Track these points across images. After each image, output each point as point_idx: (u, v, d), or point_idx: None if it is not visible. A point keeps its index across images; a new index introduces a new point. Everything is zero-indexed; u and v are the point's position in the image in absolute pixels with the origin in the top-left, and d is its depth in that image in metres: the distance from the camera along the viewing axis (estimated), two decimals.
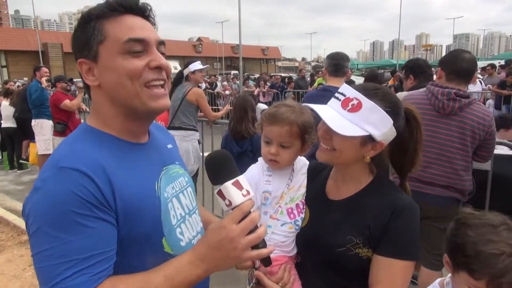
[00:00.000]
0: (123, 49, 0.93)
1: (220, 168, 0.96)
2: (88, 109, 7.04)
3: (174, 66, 34.44)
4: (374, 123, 1.10)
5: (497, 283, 1.13)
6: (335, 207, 1.23)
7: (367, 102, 1.09)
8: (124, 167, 0.94)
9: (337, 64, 3.16)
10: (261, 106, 4.07)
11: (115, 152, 0.95)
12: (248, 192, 0.94)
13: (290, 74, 22.58)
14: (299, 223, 1.28)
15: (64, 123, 5.97)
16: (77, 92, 6.19)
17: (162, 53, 1.00)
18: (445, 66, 2.48)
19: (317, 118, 1.26)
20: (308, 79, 14.34)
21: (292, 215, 1.28)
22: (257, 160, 3.90)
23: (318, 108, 1.14)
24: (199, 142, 4.46)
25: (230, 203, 0.92)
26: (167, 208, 1.01)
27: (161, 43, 1.00)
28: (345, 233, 1.16)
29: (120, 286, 0.85)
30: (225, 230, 0.89)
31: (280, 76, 15.82)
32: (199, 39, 72.59)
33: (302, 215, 1.29)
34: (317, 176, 1.35)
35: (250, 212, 0.92)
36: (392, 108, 1.12)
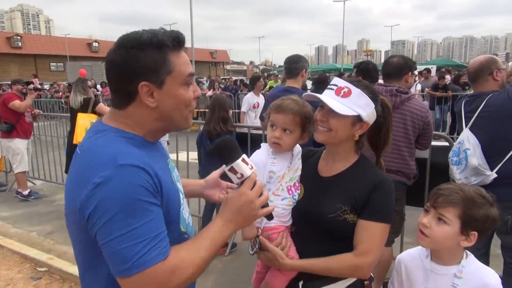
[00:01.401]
0: (184, 81, 1.11)
1: (231, 150, 1.17)
2: (41, 112, 6.83)
3: None
4: (362, 106, 1.39)
5: (437, 194, 1.42)
6: (327, 182, 1.49)
7: (355, 90, 1.39)
8: (155, 163, 1.08)
9: (287, 67, 3.55)
10: None
11: (145, 150, 1.09)
12: (252, 166, 1.18)
13: (241, 77, 22.98)
14: (296, 197, 1.52)
15: (11, 124, 5.83)
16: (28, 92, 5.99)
17: None
18: (381, 69, 3.05)
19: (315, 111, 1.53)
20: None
21: (290, 192, 1.51)
22: None
23: (319, 95, 1.41)
24: (168, 143, 4.55)
25: (242, 175, 1.15)
26: (179, 194, 1.21)
27: None
28: (335, 202, 1.42)
29: (181, 252, 1.04)
30: (244, 196, 1.13)
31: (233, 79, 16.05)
32: None
33: (298, 191, 1.53)
34: (309, 159, 1.61)
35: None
36: (372, 95, 1.43)
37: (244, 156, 1.18)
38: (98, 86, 17.49)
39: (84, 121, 5.07)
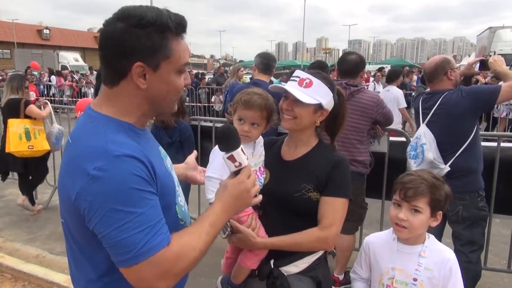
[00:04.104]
0: (179, 69, 1.09)
1: (233, 138, 1.20)
2: None
3: (75, 58, 31.60)
4: (322, 95, 1.51)
5: (405, 188, 1.55)
6: (291, 165, 1.61)
7: (316, 80, 1.51)
8: (147, 151, 1.07)
9: (267, 63, 3.72)
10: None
11: (136, 139, 1.07)
12: (248, 157, 1.24)
13: (202, 71, 22.84)
14: (262, 181, 1.61)
15: None
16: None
17: None
18: (337, 66, 3.26)
19: (277, 102, 1.62)
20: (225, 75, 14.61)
21: (256, 176, 1.56)
22: (184, 149, 4.12)
23: (285, 85, 1.53)
24: None
25: (240, 164, 1.19)
26: (174, 181, 1.21)
27: None
28: (300, 181, 1.54)
29: (184, 237, 1.05)
30: (243, 184, 1.17)
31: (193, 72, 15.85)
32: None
33: (264, 175, 1.63)
34: (271, 147, 1.73)
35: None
36: (330, 85, 1.55)
37: (242, 146, 1.22)
38: (53, 77, 16.55)
39: (17, 127, 4.48)
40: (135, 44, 1.01)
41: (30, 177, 4.90)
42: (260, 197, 1.23)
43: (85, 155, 0.97)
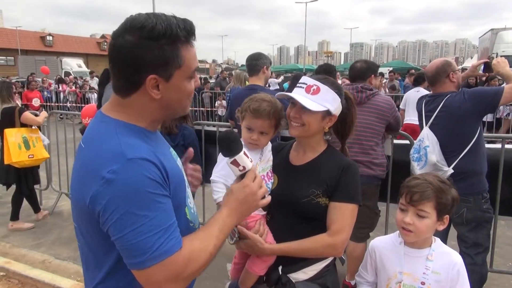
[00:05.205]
0: (190, 75, 1.11)
1: (234, 143, 1.21)
2: None
3: (78, 64, 31.80)
4: (330, 101, 1.51)
5: (411, 192, 1.54)
6: (299, 170, 1.60)
7: (323, 87, 1.50)
8: (159, 153, 1.08)
9: (249, 65, 3.55)
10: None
11: (148, 141, 1.09)
12: (252, 160, 1.24)
13: (205, 76, 22.96)
14: (270, 186, 1.61)
15: None
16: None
17: None
18: (348, 73, 3.35)
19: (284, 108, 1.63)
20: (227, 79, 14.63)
21: (264, 181, 1.56)
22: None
23: (292, 94, 1.52)
24: None
25: (244, 168, 1.20)
26: (185, 182, 1.23)
27: None
28: (308, 187, 1.53)
29: (195, 241, 1.07)
30: (248, 188, 1.18)
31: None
32: (103, 36, 68.08)
33: (272, 180, 1.63)
34: (279, 152, 1.72)
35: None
36: (338, 90, 1.55)
37: (245, 150, 1.22)
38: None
39: (16, 137, 4.37)
40: (147, 57, 1.01)
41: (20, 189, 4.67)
42: (269, 198, 1.23)
43: (99, 159, 0.99)
